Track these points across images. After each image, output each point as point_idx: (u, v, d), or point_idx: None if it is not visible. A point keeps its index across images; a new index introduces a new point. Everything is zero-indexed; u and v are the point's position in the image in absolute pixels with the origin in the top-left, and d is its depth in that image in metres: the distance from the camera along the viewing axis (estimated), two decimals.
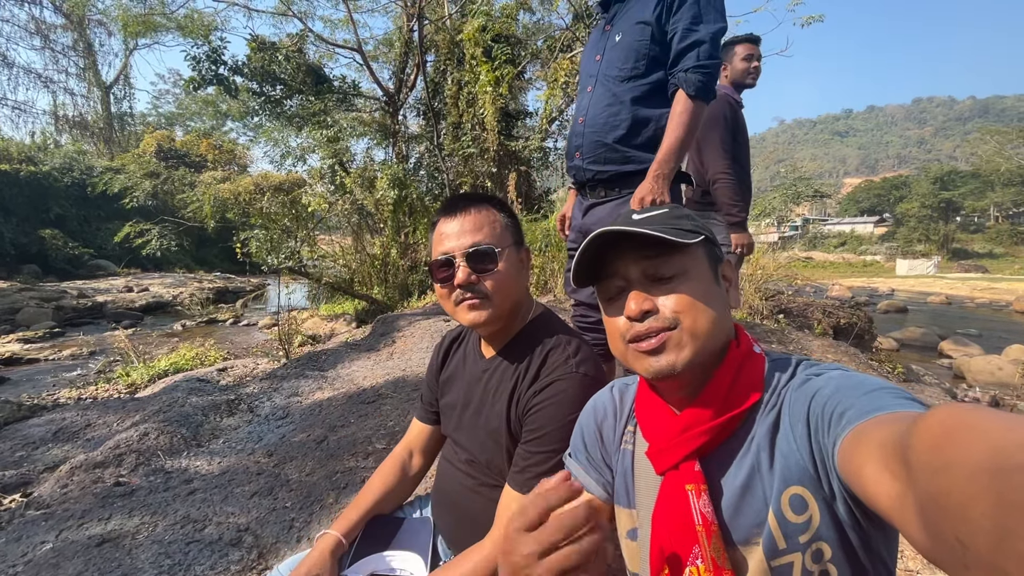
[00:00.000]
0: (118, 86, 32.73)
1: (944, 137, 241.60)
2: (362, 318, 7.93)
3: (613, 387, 0.87)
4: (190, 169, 16.24)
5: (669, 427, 0.69)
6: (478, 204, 1.04)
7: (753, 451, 0.63)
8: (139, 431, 2.65)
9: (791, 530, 0.58)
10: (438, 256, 1.00)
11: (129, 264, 20.06)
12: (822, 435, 0.54)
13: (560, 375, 0.96)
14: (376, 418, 2.79)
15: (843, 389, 0.55)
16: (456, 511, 1.12)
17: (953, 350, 10.06)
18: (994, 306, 21.11)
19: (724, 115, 2.69)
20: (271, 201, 9.36)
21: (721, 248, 0.76)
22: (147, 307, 13.02)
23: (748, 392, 0.65)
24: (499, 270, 0.99)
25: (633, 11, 1.59)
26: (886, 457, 0.41)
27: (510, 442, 1.01)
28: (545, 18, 10.84)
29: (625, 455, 0.78)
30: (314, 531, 1.80)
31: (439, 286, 1.03)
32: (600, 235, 0.69)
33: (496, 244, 0.99)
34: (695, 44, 1.48)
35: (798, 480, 0.58)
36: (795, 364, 0.67)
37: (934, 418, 0.34)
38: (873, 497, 0.43)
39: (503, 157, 9.26)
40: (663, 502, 0.67)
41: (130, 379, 4.92)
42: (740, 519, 0.62)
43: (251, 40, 9.63)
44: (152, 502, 2.02)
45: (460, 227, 1.00)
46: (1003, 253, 51.47)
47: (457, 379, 1.18)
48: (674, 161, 1.48)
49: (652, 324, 0.67)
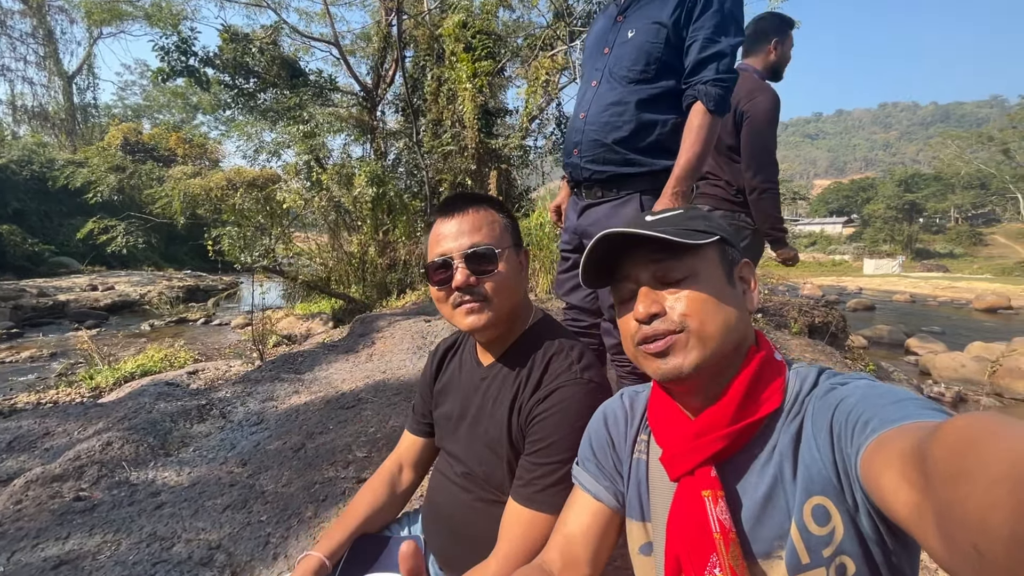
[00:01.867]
0: (81, 76, 31.49)
1: (908, 141, 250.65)
2: (339, 318, 7.78)
3: (623, 394, 0.85)
4: (158, 163, 15.63)
5: (683, 432, 0.68)
6: (476, 204, 1.00)
7: (775, 460, 0.62)
8: (102, 440, 2.51)
9: (814, 543, 0.57)
10: (435, 258, 0.96)
11: (93, 262, 19.25)
12: (846, 444, 0.53)
13: (564, 382, 0.92)
14: (356, 424, 2.71)
15: (869, 398, 0.54)
16: (451, 528, 1.06)
17: (919, 347, 10.43)
18: (955, 304, 22.02)
19: (775, 112, 2.26)
20: (244, 197, 9.07)
21: (739, 249, 0.73)
22: (112, 306, 12.53)
23: (767, 399, 0.64)
24: (499, 271, 0.95)
25: (650, 8, 1.52)
26: (905, 465, 0.41)
27: (511, 453, 0.96)
28: (525, 16, 10.79)
29: (639, 465, 0.76)
30: (291, 547, 1.71)
31: (436, 289, 0.98)
32: (607, 237, 0.69)
33: (496, 245, 0.95)
34: (716, 56, 1.42)
35: (821, 490, 0.57)
36: (817, 373, 0.66)
37: (953, 427, 0.34)
38: (891, 505, 0.43)
39: (483, 155, 9.18)
40: (678, 508, 0.65)
41: (94, 382, 4.70)
42: (761, 530, 0.61)
43: (223, 31, 9.31)
44: (115, 518, 1.90)
45: (458, 227, 0.96)
46: (963, 253, 53.88)
47: (453, 389, 1.12)
48: (692, 178, 1.44)
49: (659, 326, 0.67)
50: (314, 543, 1.10)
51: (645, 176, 1.54)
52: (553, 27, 9.25)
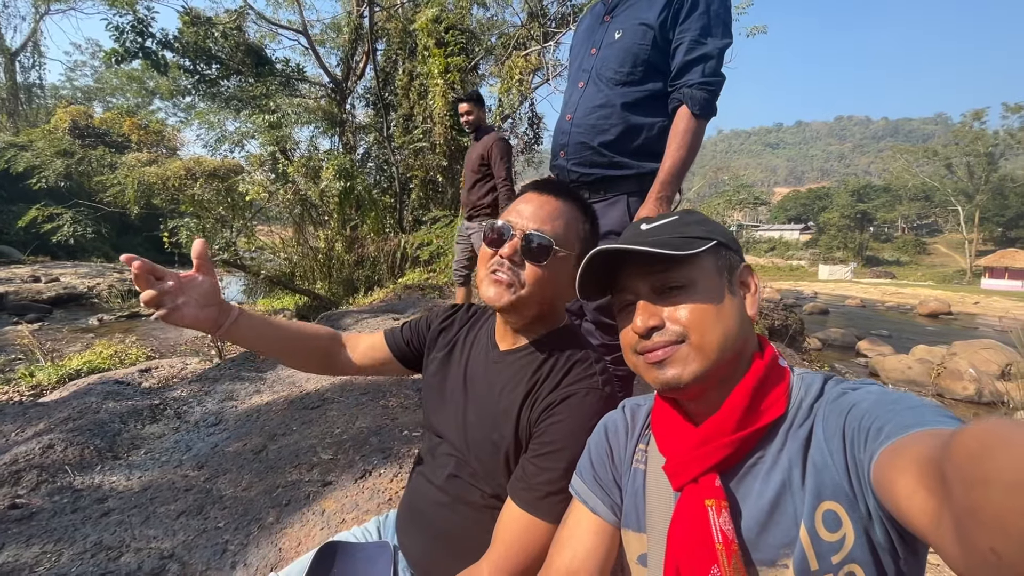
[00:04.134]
0: (25, 53, 29.47)
1: (861, 153, 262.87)
2: (304, 315, 7.56)
3: (624, 406, 0.84)
4: (111, 149, 14.79)
5: (687, 440, 0.67)
6: (568, 197, 0.99)
7: (783, 467, 0.61)
8: (42, 442, 2.34)
9: (824, 549, 0.55)
10: (504, 219, 0.96)
11: (36, 251, 18.06)
12: (858, 449, 0.53)
13: (586, 387, 0.91)
14: (321, 425, 2.62)
15: (882, 404, 0.54)
16: (434, 534, 1.01)
17: (869, 349, 10.98)
18: (901, 309, 23.33)
19: None
20: (204, 188, 8.70)
21: (739, 251, 0.73)
22: (57, 299, 11.76)
23: (771, 406, 0.64)
24: (545, 267, 0.93)
25: (637, 9, 1.51)
26: (921, 471, 0.41)
27: (511, 446, 0.92)
28: (499, 15, 10.77)
29: (636, 475, 0.75)
30: (251, 555, 1.63)
31: (486, 246, 0.98)
32: (600, 254, 0.69)
33: (558, 243, 0.93)
34: (702, 58, 1.41)
35: (832, 495, 0.56)
36: (823, 380, 0.66)
37: (971, 432, 0.35)
38: (906, 511, 0.43)
39: (454, 152, 9.10)
40: (680, 518, 0.64)
41: (34, 380, 4.40)
42: (766, 538, 0.60)
43: (184, 13, 8.89)
44: (56, 527, 1.77)
45: (537, 207, 0.95)
46: (908, 261, 57.24)
47: (458, 359, 1.09)
48: (677, 183, 1.45)
49: (658, 340, 0.67)
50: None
51: (632, 178, 1.54)
52: (528, 27, 9.26)
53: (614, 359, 1.59)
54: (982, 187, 51.62)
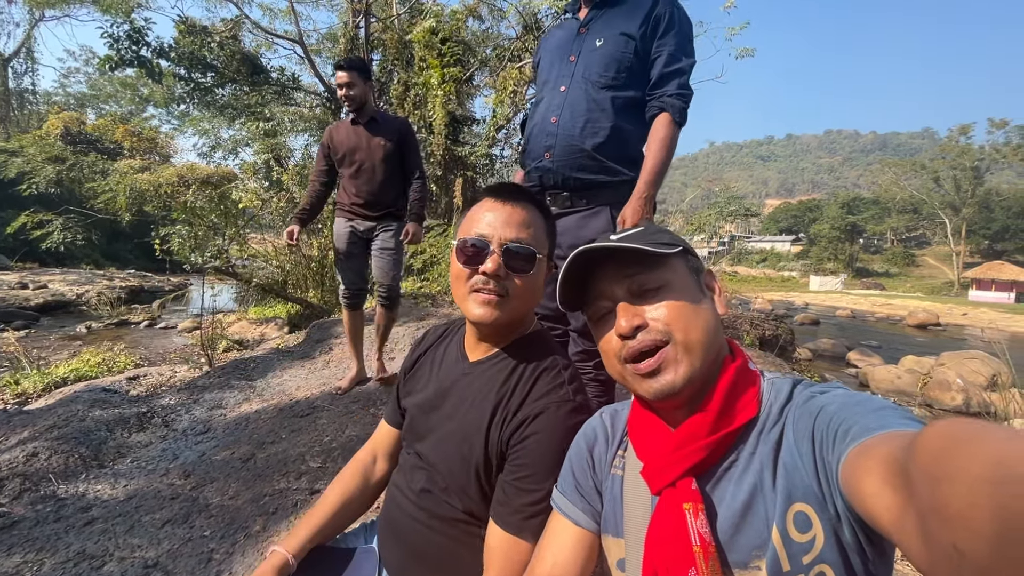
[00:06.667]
0: (18, 59, 29.32)
1: (850, 166, 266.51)
2: (295, 323, 7.50)
3: (603, 412, 0.85)
4: (103, 156, 14.72)
5: (664, 445, 0.68)
6: (528, 202, 0.97)
7: (755, 470, 0.62)
8: (26, 450, 2.31)
9: (795, 550, 0.57)
10: (473, 234, 0.92)
11: (25, 258, 17.81)
12: (827, 451, 0.54)
13: (551, 402, 0.90)
14: (310, 433, 2.61)
15: (849, 407, 0.55)
16: (409, 548, 1.00)
17: (859, 360, 11.05)
18: (890, 320, 23.54)
19: None
20: (197, 195, 8.68)
21: (699, 259, 0.76)
22: (45, 306, 11.59)
23: (743, 408, 0.65)
24: (530, 275, 0.93)
25: (616, 21, 1.58)
26: (887, 471, 0.42)
27: (481, 460, 0.92)
28: (494, 28, 10.89)
29: (615, 481, 0.76)
30: (237, 564, 1.62)
31: (460, 265, 0.93)
32: (582, 254, 0.70)
33: (537, 248, 0.93)
34: (678, 73, 1.54)
35: (802, 497, 0.57)
36: (792, 384, 0.67)
37: (935, 431, 0.35)
38: (872, 510, 0.44)
39: (449, 162, 9.14)
40: (658, 522, 0.65)
41: (19, 388, 4.33)
42: (740, 540, 0.61)
43: (180, 22, 8.92)
44: (39, 536, 1.75)
45: (508, 216, 0.93)
46: (897, 272, 57.91)
47: (431, 377, 1.07)
48: (658, 184, 1.52)
49: (644, 338, 0.67)
50: (283, 538, 1.04)
51: (614, 187, 1.57)
52: (522, 39, 9.36)
53: (597, 364, 1.60)
54: (969, 200, 52.47)
